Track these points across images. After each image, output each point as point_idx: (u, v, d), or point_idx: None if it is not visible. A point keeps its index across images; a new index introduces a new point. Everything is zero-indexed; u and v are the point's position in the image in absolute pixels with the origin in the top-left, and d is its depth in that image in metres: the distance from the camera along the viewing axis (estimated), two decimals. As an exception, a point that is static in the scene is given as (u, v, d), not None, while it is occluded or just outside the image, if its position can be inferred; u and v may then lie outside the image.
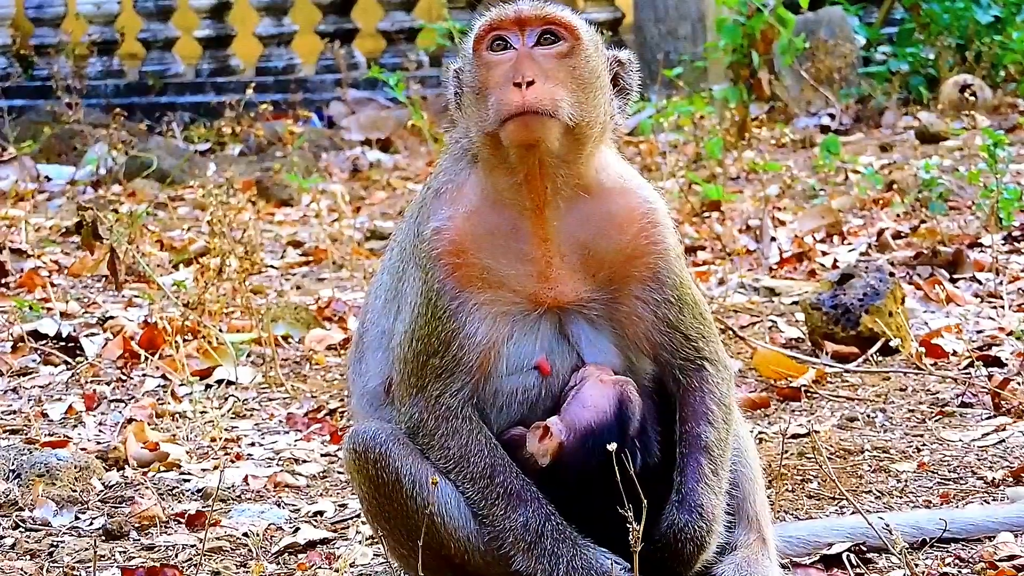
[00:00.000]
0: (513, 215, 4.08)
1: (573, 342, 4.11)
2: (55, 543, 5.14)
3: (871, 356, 6.62)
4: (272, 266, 9.48)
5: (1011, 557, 4.46)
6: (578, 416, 4.01)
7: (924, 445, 5.61)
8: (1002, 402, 5.92)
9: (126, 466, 5.89)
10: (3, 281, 8.96)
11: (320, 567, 4.82)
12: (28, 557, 5.03)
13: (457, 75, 4.18)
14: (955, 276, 7.90)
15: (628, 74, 4.18)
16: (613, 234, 4.11)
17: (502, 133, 3.98)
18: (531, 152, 4.00)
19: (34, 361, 7.35)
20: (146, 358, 7.16)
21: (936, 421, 5.88)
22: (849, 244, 8.95)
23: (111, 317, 8.03)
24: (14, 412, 6.66)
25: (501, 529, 4.02)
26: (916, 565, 4.39)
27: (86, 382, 6.96)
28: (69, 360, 7.24)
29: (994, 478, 5.20)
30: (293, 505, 5.45)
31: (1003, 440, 5.61)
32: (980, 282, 7.77)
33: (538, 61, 4.00)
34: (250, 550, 5.00)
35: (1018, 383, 6.01)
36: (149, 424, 6.28)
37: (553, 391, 4.08)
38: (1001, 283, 7.62)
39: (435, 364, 4.06)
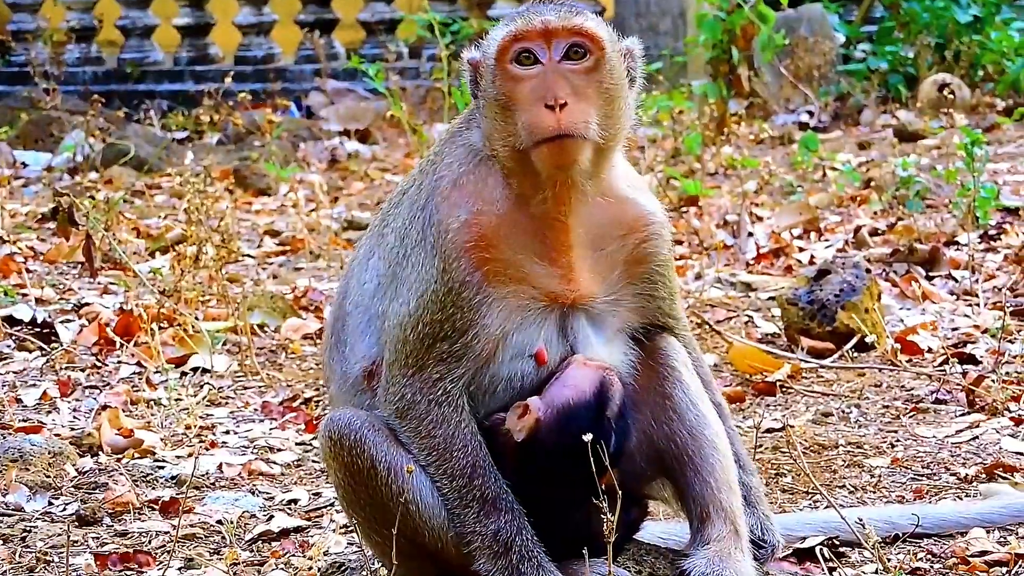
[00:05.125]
0: (538, 218, 4.04)
1: (570, 335, 4.11)
2: (28, 528, 5.13)
3: (846, 352, 6.63)
4: (249, 255, 9.46)
5: (983, 552, 4.48)
6: (558, 394, 4.02)
7: (898, 441, 5.63)
8: (976, 399, 5.93)
9: (100, 452, 5.88)
10: (-22, 266, 8.93)
11: (294, 555, 4.82)
12: (1, 542, 5.02)
13: (475, 70, 4.08)
14: (931, 274, 7.92)
15: (635, 62, 4.11)
16: (624, 239, 4.13)
17: (534, 154, 3.93)
18: (563, 172, 3.97)
19: (8, 347, 7.32)
20: (121, 345, 7.15)
21: (910, 417, 5.90)
22: (826, 240, 8.96)
23: (86, 304, 8.01)
24: (-12, 397, 6.63)
25: (471, 532, 4.00)
26: (888, 560, 4.40)
27: (61, 368, 6.93)
28: (44, 346, 7.22)
29: (967, 474, 5.21)
30: (267, 493, 5.44)
31: (976, 437, 5.62)
32: (956, 280, 7.79)
33: (567, 78, 3.93)
34: (224, 537, 4.99)
35: (992, 380, 6.03)
36: (124, 411, 6.26)
37: (544, 380, 4.08)
38: (977, 281, 7.64)
39: (442, 348, 4.01)
